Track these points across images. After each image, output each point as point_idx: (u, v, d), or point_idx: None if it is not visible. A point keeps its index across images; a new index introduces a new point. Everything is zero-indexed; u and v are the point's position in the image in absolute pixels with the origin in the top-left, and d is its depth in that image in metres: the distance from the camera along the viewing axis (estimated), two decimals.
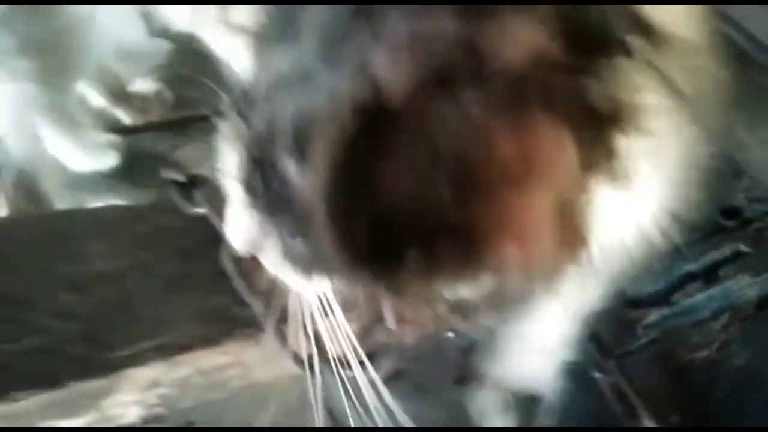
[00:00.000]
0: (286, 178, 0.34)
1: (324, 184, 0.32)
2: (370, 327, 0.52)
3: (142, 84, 0.91)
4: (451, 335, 0.57)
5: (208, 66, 0.62)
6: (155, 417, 0.52)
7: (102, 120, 0.88)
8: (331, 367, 0.46)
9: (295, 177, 0.34)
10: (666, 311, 0.63)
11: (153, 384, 0.50)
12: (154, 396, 0.51)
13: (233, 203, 0.40)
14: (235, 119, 0.37)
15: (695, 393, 0.60)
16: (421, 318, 0.53)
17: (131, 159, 0.86)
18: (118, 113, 0.90)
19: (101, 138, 0.86)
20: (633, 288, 0.62)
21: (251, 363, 0.54)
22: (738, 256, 0.65)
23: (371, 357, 0.47)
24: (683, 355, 0.62)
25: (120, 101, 0.90)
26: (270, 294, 0.49)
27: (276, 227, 0.37)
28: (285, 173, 0.34)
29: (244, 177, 0.37)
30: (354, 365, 0.46)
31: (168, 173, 0.61)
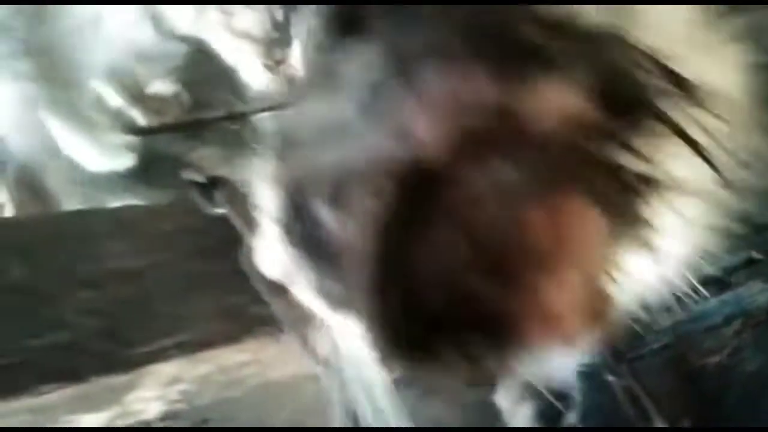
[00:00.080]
0: (319, 222, 0.35)
1: (367, 249, 0.32)
2: None
3: (160, 85, 0.92)
4: None
5: (220, 69, 0.63)
6: (175, 413, 0.53)
7: (120, 121, 0.89)
8: (350, 367, 0.47)
9: (330, 223, 0.34)
10: (678, 316, 0.63)
11: (174, 380, 0.51)
12: (175, 392, 0.51)
13: (266, 236, 0.41)
14: (273, 159, 0.38)
15: (707, 398, 0.61)
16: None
17: (147, 160, 0.87)
18: (134, 114, 0.91)
19: (118, 138, 0.87)
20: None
21: (269, 361, 0.55)
22: (750, 262, 0.65)
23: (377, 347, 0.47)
24: (695, 360, 0.62)
25: (137, 102, 0.90)
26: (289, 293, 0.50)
27: (309, 265, 0.38)
28: (319, 217, 0.35)
29: (279, 215, 0.38)
30: (371, 365, 0.46)
31: (188, 174, 0.62)
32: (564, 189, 0.30)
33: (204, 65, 0.85)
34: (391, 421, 0.47)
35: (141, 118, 0.92)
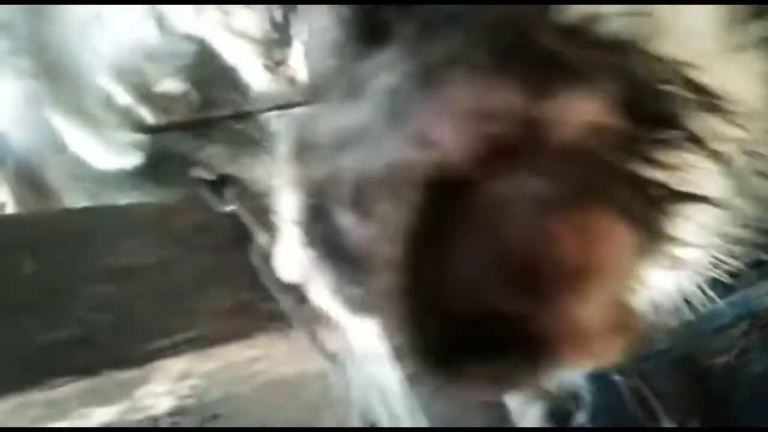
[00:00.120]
0: (339, 225, 0.35)
1: (394, 254, 0.31)
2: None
3: (169, 84, 0.92)
4: None
5: (224, 69, 0.63)
6: (184, 408, 0.53)
7: (128, 119, 0.89)
8: (364, 366, 0.47)
9: (351, 227, 0.34)
10: (686, 318, 0.63)
11: (184, 375, 0.51)
12: (185, 387, 0.52)
13: (285, 239, 0.41)
14: (291, 161, 0.38)
15: (714, 398, 0.61)
16: None
17: (156, 158, 0.87)
18: (143, 112, 0.91)
19: (126, 137, 0.87)
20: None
21: (278, 357, 0.55)
22: (758, 264, 0.65)
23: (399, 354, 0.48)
24: (703, 361, 0.62)
25: (146, 100, 0.91)
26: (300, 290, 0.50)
27: (328, 268, 0.37)
28: (340, 221, 0.35)
29: (299, 218, 0.38)
30: (383, 362, 0.46)
31: (197, 172, 0.62)
32: (591, 202, 0.30)
33: (211, 64, 0.85)
34: (405, 421, 0.47)
35: (149, 116, 0.92)
